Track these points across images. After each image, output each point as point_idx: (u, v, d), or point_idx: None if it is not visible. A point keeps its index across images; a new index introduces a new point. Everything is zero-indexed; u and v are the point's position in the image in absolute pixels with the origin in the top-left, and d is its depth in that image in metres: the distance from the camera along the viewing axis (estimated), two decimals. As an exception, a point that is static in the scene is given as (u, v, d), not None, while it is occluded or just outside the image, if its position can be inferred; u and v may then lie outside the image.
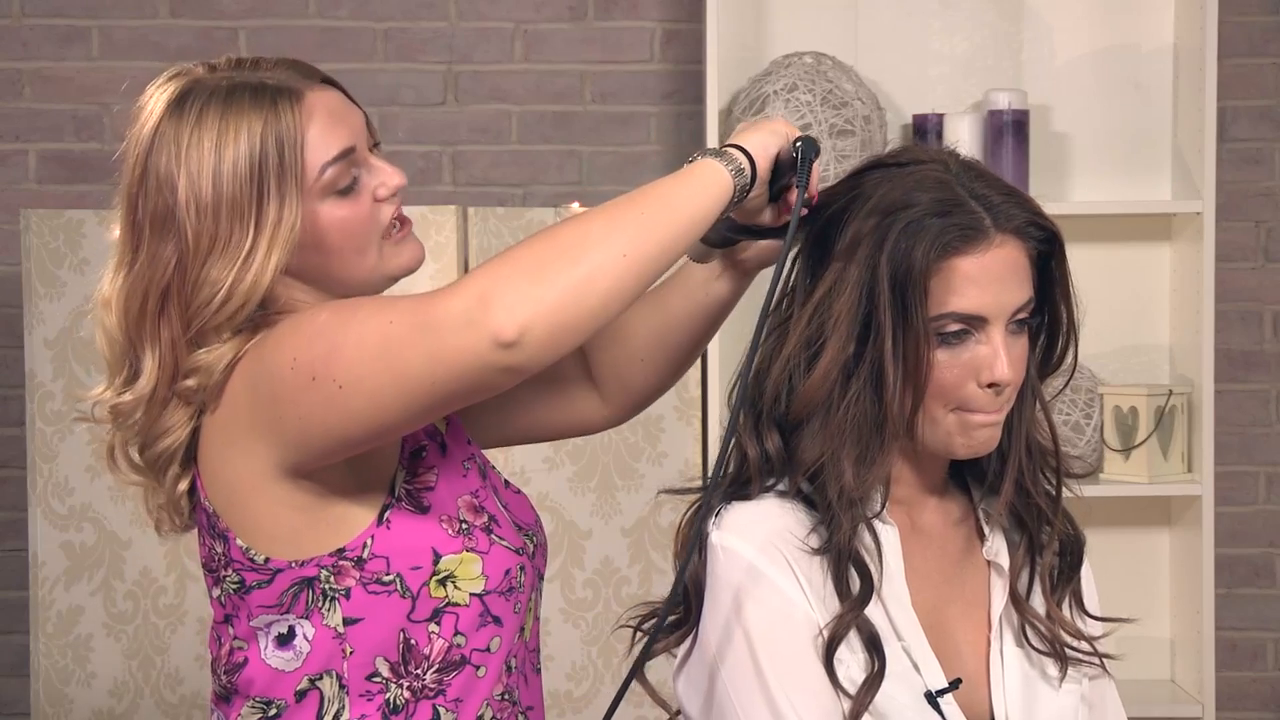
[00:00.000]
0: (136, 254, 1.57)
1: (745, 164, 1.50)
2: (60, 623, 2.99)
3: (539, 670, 1.72)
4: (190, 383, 1.55)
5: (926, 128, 3.08)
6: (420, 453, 1.61)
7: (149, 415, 1.58)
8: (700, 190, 1.47)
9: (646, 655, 1.51)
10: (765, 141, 1.52)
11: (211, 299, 1.52)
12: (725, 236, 1.60)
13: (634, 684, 1.51)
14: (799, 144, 1.52)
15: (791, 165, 1.52)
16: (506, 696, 1.64)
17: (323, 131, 1.55)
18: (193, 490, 1.60)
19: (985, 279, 1.48)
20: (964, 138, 3.00)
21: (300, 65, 1.60)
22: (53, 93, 3.29)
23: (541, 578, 1.71)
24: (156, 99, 1.58)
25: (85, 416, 1.63)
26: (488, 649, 1.60)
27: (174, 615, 2.99)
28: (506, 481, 1.72)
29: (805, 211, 1.53)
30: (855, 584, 1.49)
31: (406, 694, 1.58)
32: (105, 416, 1.60)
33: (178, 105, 1.56)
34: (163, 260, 1.54)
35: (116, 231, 1.60)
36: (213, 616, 1.63)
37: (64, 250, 2.97)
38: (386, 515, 1.56)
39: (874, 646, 1.48)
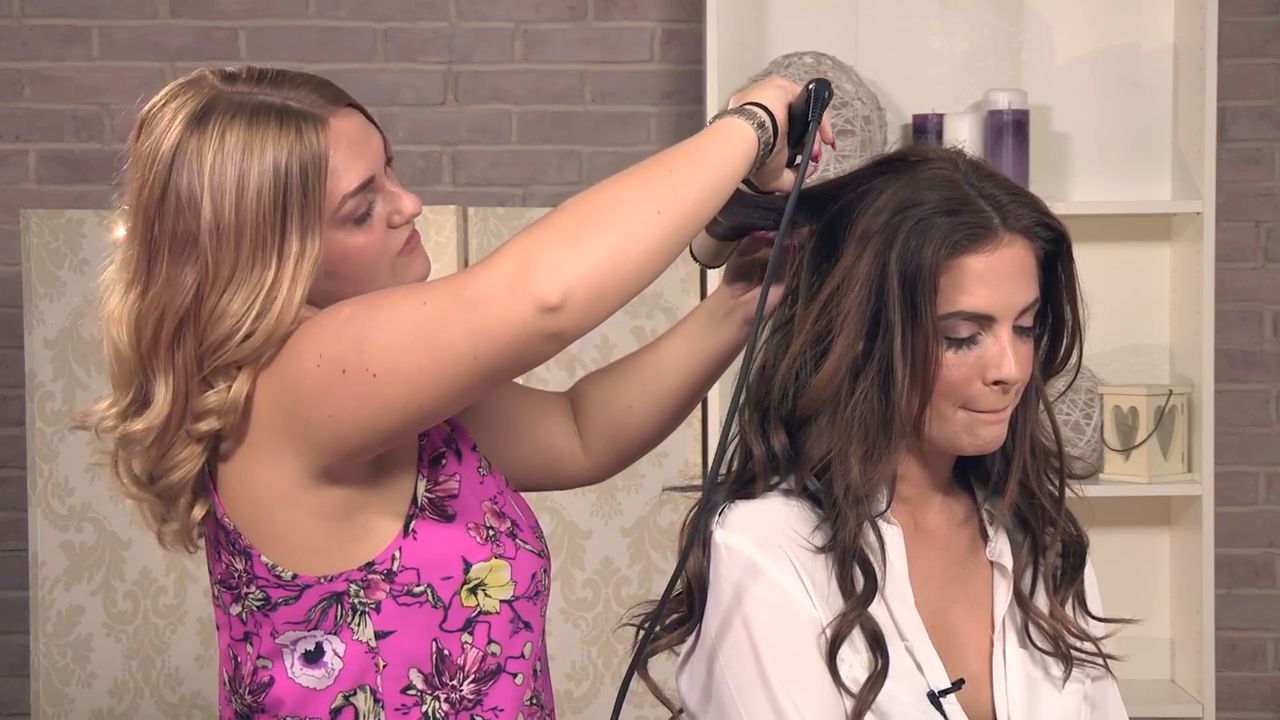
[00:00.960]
0: (151, 274, 1.52)
1: (765, 118, 1.50)
2: (60, 623, 2.99)
3: (547, 670, 1.71)
4: (203, 426, 1.50)
5: (926, 128, 3.08)
6: (440, 460, 1.59)
7: (159, 447, 1.53)
8: (727, 146, 1.47)
9: (643, 652, 1.50)
10: (776, 95, 1.53)
11: (232, 333, 1.48)
12: (737, 224, 1.59)
13: (636, 683, 1.51)
14: (812, 85, 1.53)
15: (804, 117, 1.53)
16: (534, 700, 1.63)
17: (345, 162, 1.52)
18: (206, 513, 1.57)
19: (994, 278, 1.48)
20: (964, 138, 3.00)
21: (324, 87, 1.56)
22: (53, 93, 3.29)
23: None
24: (175, 112, 1.52)
25: (83, 426, 1.58)
26: (521, 655, 1.59)
27: (174, 615, 2.99)
28: (506, 481, 1.71)
29: (819, 153, 1.55)
30: (859, 582, 1.49)
31: (445, 706, 1.56)
32: (108, 432, 1.56)
33: (199, 122, 1.51)
34: (182, 286, 1.50)
35: (120, 233, 1.55)
36: (229, 634, 1.59)
37: (64, 250, 2.97)
38: (412, 525, 1.54)
39: (877, 645, 1.48)
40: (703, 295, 3.03)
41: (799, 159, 1.58)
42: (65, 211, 3.00)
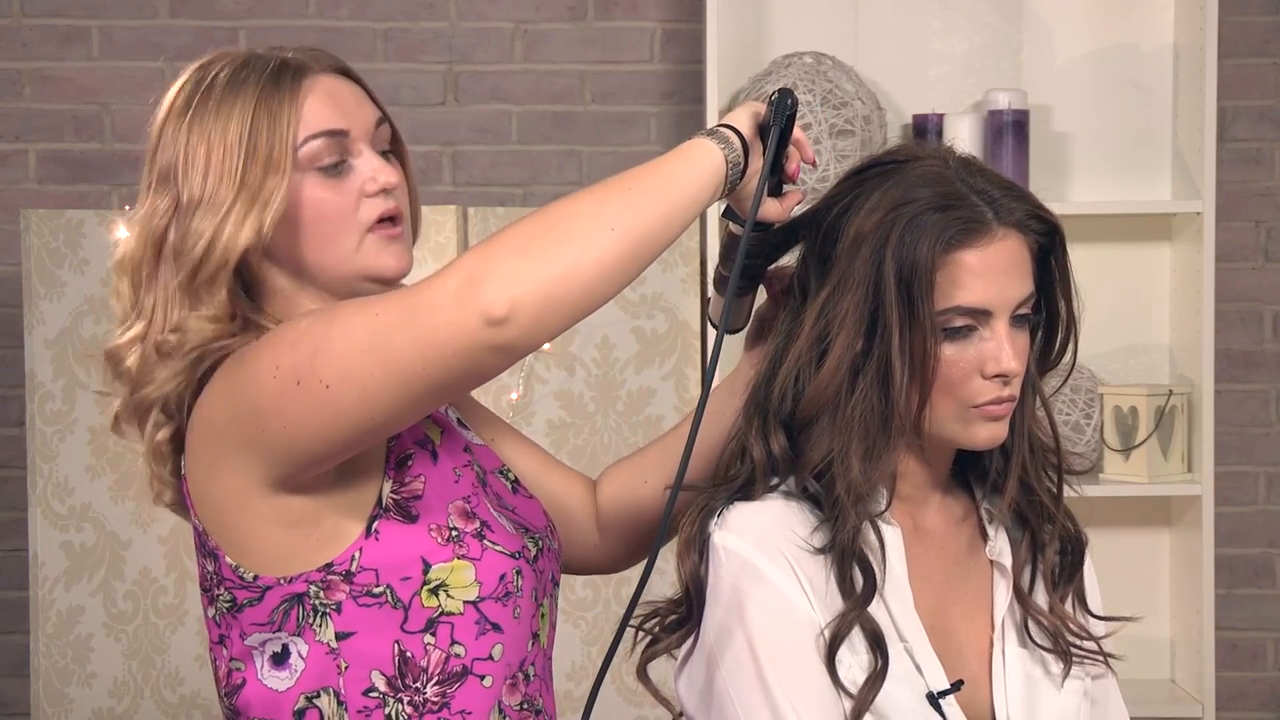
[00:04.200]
0: (143, 208, 1.59)
1: (733, 136, 1.50)
2: (60, 623, 2.99)
3: (546, 675, 1.69)
4: (171, 338, 1.54)
5: (926, 128, 3.08)
6: (407, 461, 1.58)
7: (141, 361, 1.57)
8: (690, 165, 1.47)
9: (617, 643, 1.50)
10: (744, 113, 1.53)
11: (194, 248, 1.53)
12: (744, 272, 1.59)
13: (637, 684, 1.51)
14: (774, 95, 1.52)
15: (778, 125, 1.53)
16: (528, 705, 1.61)
17: (317, 107, 1.56)
18: (176, 442, 1.59)
19: (989, 272, 1.48)
20: (964, 138, 3.00)
21: (325, 54, 1.62)
22: (53, 93, 3.29)
23: (556, 583, 1.69)
24: (191, 68, 1.60)
25: (102, 391, 1.64)
26: (490, 657, 1.58)
27: (174, 615, 2.99)
28: (516, 487, 1.70)
29: (797, 171, 1.55)
30: (858, 582, 1.49)
31: (409, 709, 1.55)
32: (106, 365, 1.61)
33: (201, 71, 1.58)
34: (160, 211, 1.56)
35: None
36: (209, 638, 1.61)
37: (64, 250, 2.97)
38: (375, 526, 1.54)
39: (877, 644, 1.48)
40: (702, 296, 3.03)
41: (785, 186, 1.57)
42: (65, 211, 3.00)
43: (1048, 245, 1.54)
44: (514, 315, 1.36)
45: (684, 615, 1.55)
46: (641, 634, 1.59)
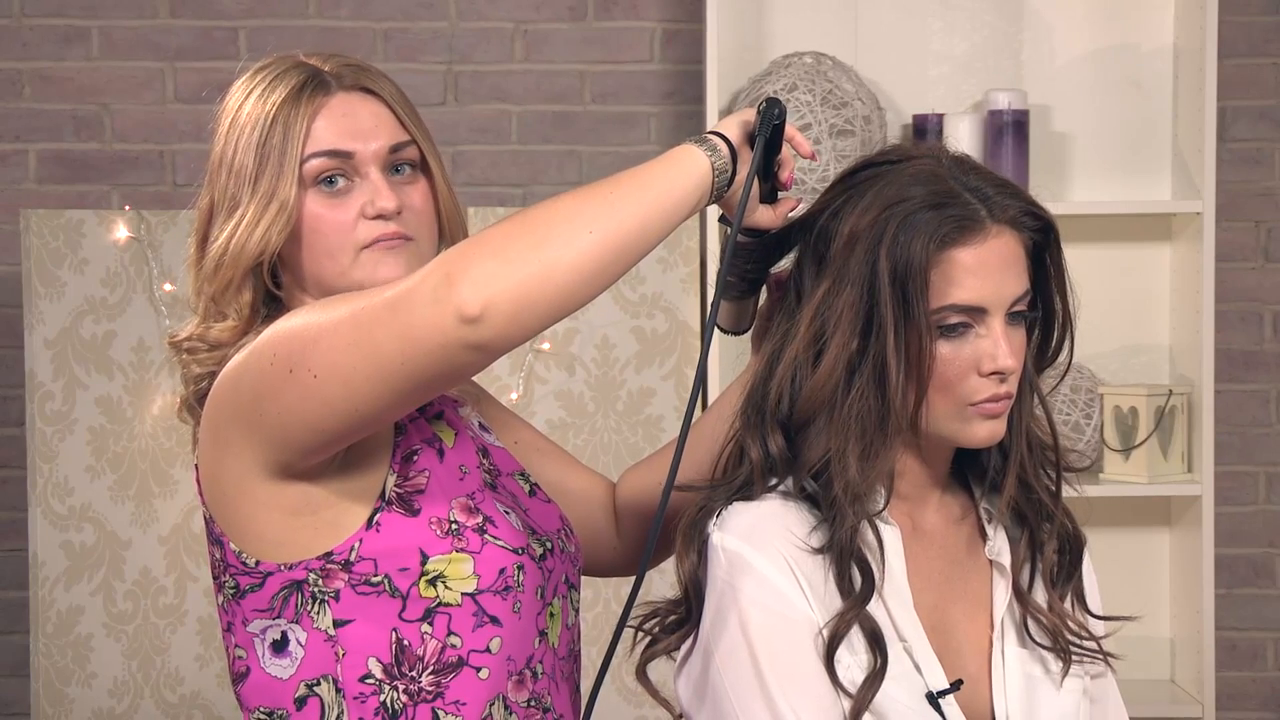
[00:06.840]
0: (199, 204, 1.65)
1: (720, 144, 1.50)
2: (60, 623, 2.99)
3: (568, 678, 1.70)
4: (200, 346, 1.60)
5: (926, 128, 3.08)
6: (413, 456, 1.60)
7: (185, 357, 1.64)
8: (675, 171, 1.48)
9: (616, 641, 1.51)
10: (734, 121, 1.54)
11: (214, 260, 1.58)
12: (744, 276, 1.59)
13: (637, 684, 1.51)
14: (761, 104, 1.53)
15: (764, 139, 1.53)
16: (535, 703, 1.62)
17: (326, 125, 1.58)
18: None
19: (983, 270, 1.48)
20: (964, 138, 3.00)
21: (361, 71, 1.64)
22: (53, 93, 3.28)
23: (572, 586, 1.70)
24: (252, 69, 1.65)
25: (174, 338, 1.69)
26: (487, 649, 1.59)
27: (174, 615, 2.99)
28: (533, 490, 1.72)
29: (791, 179, 1.55)
30: (857, 581, 1.49)
31: (404, 698, 1.56)
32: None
33: (253, 75, 1.62)
34: (203, 210, 1.62)
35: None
36: (220, 627, 1.65)
37: (64, 250, 2.97)
38: (376, 518, 1.56)
39: (876, 643, 1.48)
40: (702, 295, 3.03)
41: (779, 193, 1.58)
42: (65, 211, 3.00)
43: (1043, 242, 1.54)
44: (488, 315, 1.38)
45: (683, 615, 1.55)
46: (641, 634, 1.59)
